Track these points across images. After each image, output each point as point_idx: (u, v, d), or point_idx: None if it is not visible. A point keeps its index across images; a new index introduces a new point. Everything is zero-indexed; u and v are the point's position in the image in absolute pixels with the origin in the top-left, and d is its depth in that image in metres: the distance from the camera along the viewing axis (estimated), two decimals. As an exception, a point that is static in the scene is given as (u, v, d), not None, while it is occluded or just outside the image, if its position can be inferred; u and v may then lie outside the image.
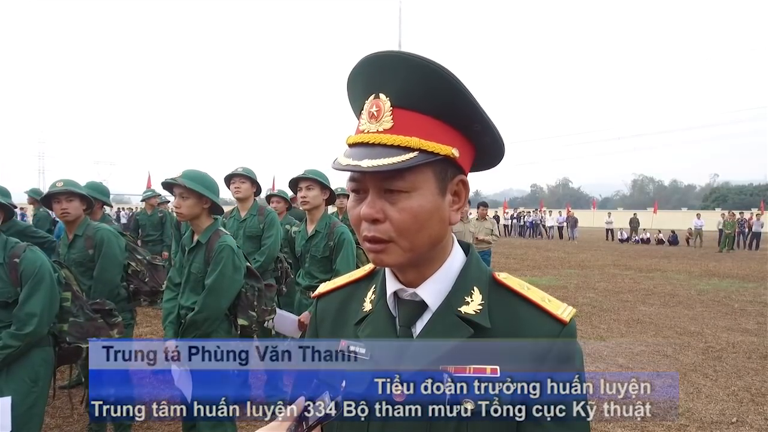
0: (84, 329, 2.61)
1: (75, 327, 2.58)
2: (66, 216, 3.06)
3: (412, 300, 0.79)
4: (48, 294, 2.34)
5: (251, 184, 4.06)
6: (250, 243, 4.08)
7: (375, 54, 0.72)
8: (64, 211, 3.02)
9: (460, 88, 0.70)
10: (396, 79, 0.71)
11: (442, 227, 0.75)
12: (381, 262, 0.75)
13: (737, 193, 74.48)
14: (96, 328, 2.68)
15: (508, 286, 0.79)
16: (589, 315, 7.63)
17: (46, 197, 3.14)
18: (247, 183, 4.03)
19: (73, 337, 2.56)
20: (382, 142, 0.70)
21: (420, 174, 0.71)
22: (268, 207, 4.18)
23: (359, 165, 0.69)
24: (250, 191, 4.08)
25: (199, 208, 2.71)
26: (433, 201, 0.72)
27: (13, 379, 2.25)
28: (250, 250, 4.07)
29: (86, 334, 2.61)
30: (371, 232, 0.73)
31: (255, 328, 2.92)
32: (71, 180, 3.16)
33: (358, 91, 0.76)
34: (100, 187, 4.17)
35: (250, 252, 4.07)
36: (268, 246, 3.98)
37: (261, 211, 4.10)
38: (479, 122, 0.74)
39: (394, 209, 0.71)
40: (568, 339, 0.74)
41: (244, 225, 4.10)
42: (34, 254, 2.38)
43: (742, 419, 3.98)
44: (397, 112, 0.71)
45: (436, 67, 0.69)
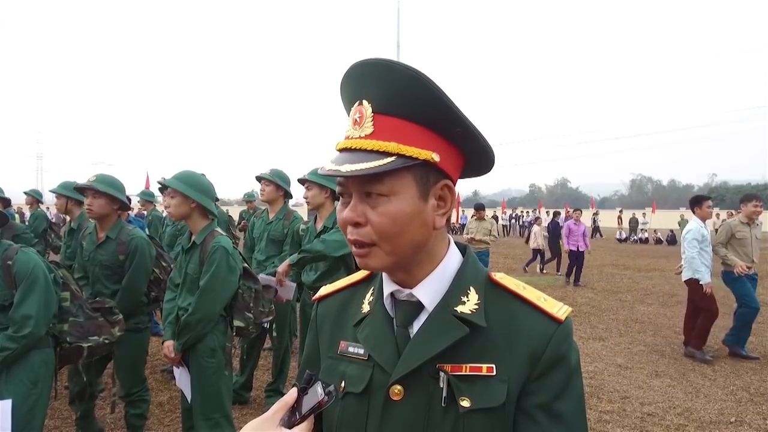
0: (84, 328, 2.59)
1: (75, 327, 2.55)
2: (89, 212, 3.05)
3: (409, 300, 0.79)
4: (43, 295, 2.31)
5: (276, 187, 4.07)
6: (273, 246, 4.11)
7: (360, 62, 0.74)
8: (88, 206, 3.02)
9: (439, 93, 0.71)
10: (377, 86, 0.72)
11: (424, 231, 0.75)
12: (366, 265, 0.76)
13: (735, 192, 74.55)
14: (97, 326, 2.65)
15: (504, 286, 0.79)
16: (587, 315, 7.64)
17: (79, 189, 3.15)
18: (272, 186, 4.06)
19: (73, 337, 2.53)
20: (363, 147, 0.72)
21: (399, 178, 0.72)
22: (295, 213, 4.19)
23: (339, 170, 0.71)
24: (275, 194, 4.10)
25: (186, 208, 2.72)
26: (413, 205, 0.73)
27: (12, 382, 2.22)
28: (272, 253, 4.10)
29: (87, 333, 2.59)
30: (354, 236, 0.74)
31: (251, 330, 2.91)
32: (106, 177, 3.08)
33: (347, 98, 0.78)
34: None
35: (270, 255, 4.08)
36: (288, 252, 3.99)
37: (288, 216, 4.12)
38: (460, 126, 0.74)
39: (374, 213, 0.72)
40: (563, 337, 0.74)
41: (269, 227, 4.13)
42: (27, 255, 2.34)
43: (741, 419, 3.98)
44: (378, 118, 0.73)
45: (414, 74, 0.70)
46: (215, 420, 2.70)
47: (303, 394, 0.72)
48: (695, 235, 5.45)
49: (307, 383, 0.72)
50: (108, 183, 3.03)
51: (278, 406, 0.72)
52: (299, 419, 0.70)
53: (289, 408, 0.72)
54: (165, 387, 4.42)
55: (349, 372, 0.80)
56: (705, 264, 5.44)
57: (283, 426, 0.70)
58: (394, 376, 0.74)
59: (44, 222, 6.58)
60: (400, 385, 0.74)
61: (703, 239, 5.45)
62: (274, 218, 4.13)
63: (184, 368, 2.77)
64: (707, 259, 5.47)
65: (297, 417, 0.70)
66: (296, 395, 0.72)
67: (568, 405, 0.72)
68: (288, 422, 0.70)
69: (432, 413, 0.72)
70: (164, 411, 3.94)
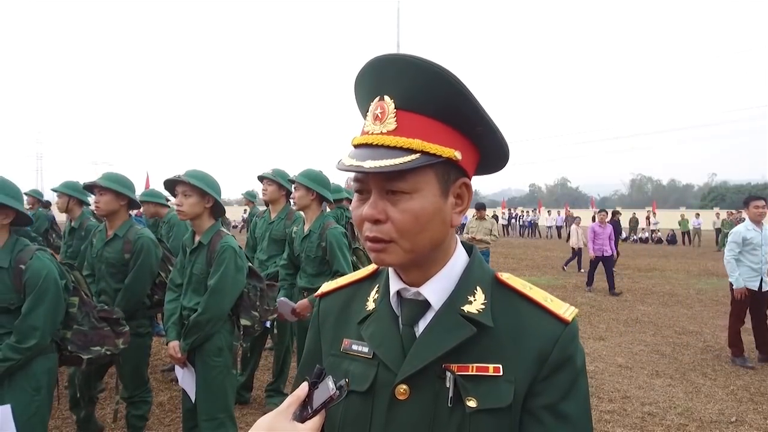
0: (88, 338, 2.51)
1: (78, 335, 2.48)
2: (97, 210, 3.06)
3: (415, 299, 0.79)
4: (52, 306, 2.25)
5: (278, 187, 4.07)
6: (275, 246, 4.11)
7: (381, 57, 0.72)
8: (96, 203, 3.03)
9: (464, 91, 0.70)
10: (401, 82, 0.71)
11: (443, 229, 0.75)
12: (382, 261, 0.75)
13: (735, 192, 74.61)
14: (101, 336, 2.57)
15: (510, 286, 0.79)
16: (588, 315, 7.64)
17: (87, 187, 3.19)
18: (274, 186, 4.06)
19: (75, 346, 2.44)
20: (386, 144, 0.71)
21: (422, 176, 0.71)
22: (297, 213, 4.20)
23: (362, 166, 0.69)
24: (277, 194, 4.09)
25: (201, 207, 2.71)
26: (434, 203, 0.72)
27: (14, 388, 2.18)
28: (274, 252, 4.10)
29: (89, 343, 2.51)
30: (373, 233, 0.73)
31: (257, 328, 2.92)
32: (113, 174, 3.09)
33: (364, 92, 0.77)
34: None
35: (272, 255, 4.09)
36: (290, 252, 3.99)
37: (290, 216, 4.13)
38: (482, 125, 0.74)
39: (395, 210, 0.72)
40: (570, 339, 0.74)
41: (271, 227, 4.14)
42: (41, 262, 2.25)
43: (741, 418, 3.98)
44: (401, 114, 0.72)
45: (440, 70, 0.69)
46: (220, 420, 2.70)
47: (314, 389, 0.72)
48: (735, 238, 5.24)
49: (317, 377, 0.72)
50: (113, 180, 3.02)
51: (291, 400, 0.71)
52: (311, 413, 0.70)
53: (300, 402, 0.71)
54: (165, 387, 4.42)
55: (353, 370, 0.79)
56: (751, 267, 5.19)
57: (296, 420, 0.70)
58: (400, 376, 0.74)
59: (46, 222, 6.62)
60: (405, 384, 0.74)
61: (745, 242, 5.20)
62: (275, 218, 4.14)
63: (189, 368, 2.76)
64: (754, 262, 5.19)
65: (309, 411, 0.70)
66: (308, 389, 0.72)
67: (574, 406, 0.72)
68: (300, 416, 0.70)
69: (438, 413, 0.72)
70: (164, 411, 3.94)
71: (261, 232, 4.26)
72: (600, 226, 9.74)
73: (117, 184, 3.00)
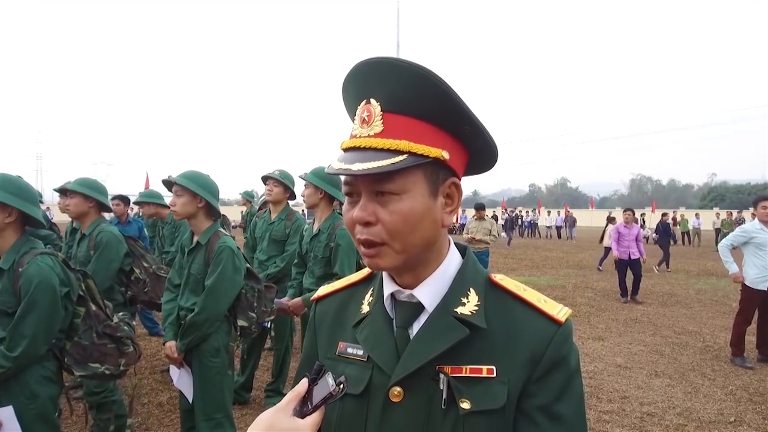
0: (87, 353, 2.33)
1: (77, 348, 2.31)
2: (68, 212, 3.20)
3: (409, 301, 0.79)
4: (44, 315, 2.11)
5: (284, 188, 4.09)
6: (275, 246, 4.12)
7: (366, 60, 0.73)
8: (66, 206, 3.16)
9: (448, 91, 0.71)
10: (386, 85, 0.72)
11: (434, 229, 0.75)
12: (376, 266, 0.76)
13: (735, 192, 74.67)
14: (102, 353, 2.37)
15: (504, 288, 0.79)
16: (587, 315, 7.64)
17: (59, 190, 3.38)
18: (280, 187, 4.07)
19: (71, 359, 2.29)
20: (373, 146, 0.71)
21: (410, 176, 0.72)
22: (297, 213, 4.20)
23: (350, 168, 0.70)
24: (282, 195, 4.12)
25: (194, 207, 2.72)
26: (424, 203, 0.73)
27: (8, 396, 2.10)
28: (273, 253, 4.11)
29: (88, 359, 2.33)
30: (364, 235, 0.73)
31: (254, 329, 2.92)
32: (83, 179, 3.24)
33: (351, 97, 0.78)
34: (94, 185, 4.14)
35: (272, 255, 4.09)
36: (290, 253, 4.00)
37: (290, 216, 4.13)
38: (468, 124, 0.74)
39: (385, 211, 0.72)
40: (563, 339, 0.74)
41: (271, 227, 4.14)
42: (37, 268, 2.11)
43: (740, 418, 3.99)
44: (388, 116, 0.72)
45: (423, 72, 0.70)
46: (217, 420, 2.71)
47: (313, 385, 0.72)
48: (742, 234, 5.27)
49: (317, 374, 0.73)
50: (81, 184, 3.18)
51: (291, 396, 0.72)
52: (311, 409, 0.70)
53: (301, 398, 0.72)
54: (165, 387, 4.42)
55: (348, 373, 0.79)
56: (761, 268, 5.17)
57: (296, 416, 0.70)
58: (393, 378, 0.74)
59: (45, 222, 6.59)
60: (399, 386, 0.74)
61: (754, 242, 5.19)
62: (276, 218, 4.14)
63: (186, 369, 2.77)
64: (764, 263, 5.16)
65: (309, 407, 0.71)
66: (307, 385, 0.73)
67: (568, 407, 0.72)
68: (300, 412, 0.71)
69: (432, 415, 0.72)
70: (164, 411, 3.94)
71: (261, 232, 4.26)
72: (625, 226, 9.00)
73: (84, 188, 3.14)
